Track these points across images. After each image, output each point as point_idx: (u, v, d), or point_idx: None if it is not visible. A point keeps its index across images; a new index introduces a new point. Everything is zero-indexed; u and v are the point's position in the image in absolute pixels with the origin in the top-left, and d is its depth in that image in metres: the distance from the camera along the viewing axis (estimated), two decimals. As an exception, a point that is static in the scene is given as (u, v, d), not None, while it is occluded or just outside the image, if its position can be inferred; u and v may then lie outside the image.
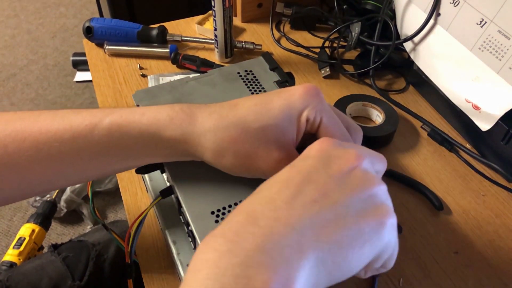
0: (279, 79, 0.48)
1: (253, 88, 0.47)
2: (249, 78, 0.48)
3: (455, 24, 0.55)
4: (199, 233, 0.34)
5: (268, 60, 0.50)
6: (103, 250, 0.70)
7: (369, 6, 0.70)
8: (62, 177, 0.37)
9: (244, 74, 0.48)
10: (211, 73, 0.48)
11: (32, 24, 2.19)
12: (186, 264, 0.39)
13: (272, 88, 0.47)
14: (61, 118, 0.36)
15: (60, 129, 0.35)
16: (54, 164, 0.36)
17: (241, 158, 0.35)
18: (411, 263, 0.45)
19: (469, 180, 0.54)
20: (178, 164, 0.39)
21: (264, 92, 0.46)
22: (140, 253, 0.46)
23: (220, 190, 0.37)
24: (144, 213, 0.40)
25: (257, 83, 0.47)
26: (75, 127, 0.35)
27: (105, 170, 0.38)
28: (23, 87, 1.85)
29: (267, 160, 0.35)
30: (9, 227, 1.37)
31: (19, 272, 0.67)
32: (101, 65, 0.70)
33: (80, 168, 0.37)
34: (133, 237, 0.40)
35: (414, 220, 0.49)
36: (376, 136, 0.55)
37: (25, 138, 0.35)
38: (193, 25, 0.77)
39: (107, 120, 0.35)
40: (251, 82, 0.48)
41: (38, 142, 0.35)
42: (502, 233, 0.48)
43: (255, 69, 0.49)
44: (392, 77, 0.68)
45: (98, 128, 0.35)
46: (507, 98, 0.49)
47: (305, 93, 0.35)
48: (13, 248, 1.09)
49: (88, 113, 0.36)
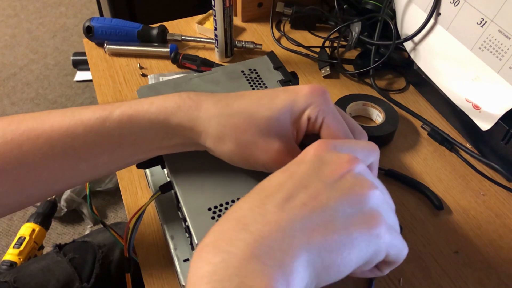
0: (282, 79, 0.48)
1: (256, 87, 0.47)
2: (253, 76, 0.48)
3: (455, 24, 0.55)
4: (195, 229, 0.34)
5: (273, 59, 0.50)
6: (109, 252, 0.70)
7: (369, 6, 0.70)
8: (77, 174, 0.38)
9: (247, 73, 0.48)
10: (215, 71, 0.49)
11: (32, 23, 2.19)
12: (183, 260, 0.39)
13: (275, 87, 0.47)
14: (71, 114, 0.36)
15: (71, 125, 0.35)
16: (69, 160, 0.36)
17: (241, 147, 0.35)
18: (411, 263, 0.45)
19: (469, 180, 0.54)
20: (178, 159, 0.39)
21: None
22: (140, 252, 0.46)
23: (218, 187, 0.37)
24: (143, 208, 0.41)
25: (260, 82, 0.48)
26: (86, 121, 0.35)
27: (117, 164, 0.38)
28: (23, 87, 1.85)
29: (267, 151, 0.35)
30: (9, 227, 1.37)
31: (25, 273, 0.67)
32: (101, 65, 0.70)
33: (93, 162, 0.37)
34: (131, 231, 0.40)
35: (414, 219, 0.49)
36: (376, 136, 0.55)
37: (39, 135, 0.35)
38: (193, 24, 0.77)
39: (117, 112, 0.36)
40: (255, 81, 0.48)
41: (52, 139, 0.35)
42: (502, 232, 0.48)
43: (259, 68, 0.49)
44: (392, 77, 0.68)
45: (109, 120, 0.35)
46: (507, 98, 0.49)
47: (310, 92, 0.36)
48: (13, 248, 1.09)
49: (98, 107, 0.36)
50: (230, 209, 0.29)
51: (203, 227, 0.35)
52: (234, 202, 0.36)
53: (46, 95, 1.81)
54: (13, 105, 1.78)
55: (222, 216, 0.30)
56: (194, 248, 0.35)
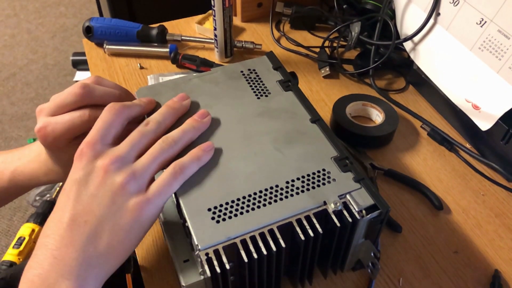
0: (282, 79, 0.48)
1: (256, 87, 0.47)
2: (252, 77, 0.48)
3: (455, 24, 0.55)
4: (195, 230, 0.34)
5: (272, 59, 0.50)
6: None
7: (369, 6, 0.70)
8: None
9: (247, 73, 0.49)
10: (214, 71, 0.49)
11: (32, 23, 2.19)
12: (183, 260, 0.39)
13: (275, 87, 0.47)
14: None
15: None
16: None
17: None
18: (411, 263, 0.45)
19: (469, 180, 0.54)
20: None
21: (268, 91, 0.46)
22: (140, 252, 0.46)
23: (218, 187, 0.37)
24: None
25: (260, 82, 0.48)
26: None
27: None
28: (23, 87, 1.85)
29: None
30: (9, 227, 1.37)
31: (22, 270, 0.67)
32: (101, 65, 0.70)
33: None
34: None
35: (414, 219, 0.49)
36: (376, 136, 0.55)
37: None
38: (193, 24, 0.77)
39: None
40: (254, 81, 0.48)
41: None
42: (502, 232, 0.48)
43: (258, 68, 0.49)
44: (392, 77, 0.68)
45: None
46: (507, 98, 0.49)
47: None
48: (13, 248, 1.09)
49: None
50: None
51: (203, 228, 0.35)
52: (234, 202, 0.36)
53: (45, 95, 1.81)
54: (13, 105, 1.78)
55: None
56: (194, 248, 0.35)
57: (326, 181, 0.38)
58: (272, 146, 0.41)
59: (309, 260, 0.39)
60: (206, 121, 0.41)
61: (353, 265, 0.43)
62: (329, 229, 0.37)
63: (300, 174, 0.38)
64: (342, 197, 0.37)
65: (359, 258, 0.42)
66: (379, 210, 0.37)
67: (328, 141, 0.41)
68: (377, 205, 0.37)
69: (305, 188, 0.37)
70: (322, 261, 0.42)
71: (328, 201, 0.37)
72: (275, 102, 0.45)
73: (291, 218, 0.36)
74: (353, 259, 0.42)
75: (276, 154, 0.40)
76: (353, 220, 0.36)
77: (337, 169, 0.39)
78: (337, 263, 0.42)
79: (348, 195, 0.37)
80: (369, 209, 0.37)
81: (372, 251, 0.39)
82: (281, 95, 0.46)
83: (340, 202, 0.37)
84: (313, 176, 0.38)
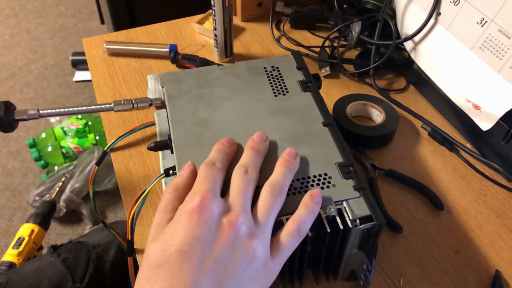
0: (303, 79, 0.48)
1: (275, 84, 0.48)
2: (274, 74, 0.49)
3: (455, 24, 0.55)
4: None
5: (297, 58, 0.51)
6: (103, 252, 0.70)
7: (369, 5, 0.70)
8: None
9: (270, 70, 0.49)
10: (238, 64, 0.50)
11: (31, 23, 2.19)
12: None
13: (294, 87, 0.47)
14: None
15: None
16: None
17: None
18: (411, 263, 0.45)
19: (469, 180, 0.54)
20: (185, 146, 0.41)
21: (286, 90, 0.47)
22: (140, 252, 0.46)
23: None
24: (147, 191, 0.41)
25: (280, 80, 0.48)
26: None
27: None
28: (22, 87, 1.85)
29: None
30: (8, 227, 1.37)
31: (19, 274, 0.67)
32: (100, 65, 0.70)
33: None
34: (134, 215, 0.42)
35: (414, 220, 0.49)
36: (376, 136, 0.55)
37: None
38: (193, 24, 0.76)
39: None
40: (275, 79, 0.48)
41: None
42: (502, 232, 0.48)
43: (282, 66, 0.50)
44: (392, 77, 0.68)
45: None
46: (508, 98, 0.49)
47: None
48: (12, 248, 1.09)
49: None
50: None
51: None
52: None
53: (45, 95, 1.81)
54: (12, 105, 1.77)
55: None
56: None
57: (326, 185, 0.38)
58: (278, 144, 0.41)
59: (298, 260, 0.38)
60: (297, 161, 0.39)
61: (347, 275, 0.43)
62: (322, 234, 0.36)
63: (300, 176, 0.38)
64: (338, 203, 0.37)
65: (353, 269, 0.42)
66: (373, 222, 0.36)
67: (336, 146, 0.41)
68: (372, 217, 0.36)
69: (302, 190, 0.37)
70: (315, 266, 0.42)
71: (322, 206, 0.36)
72: (291, 101, 0.46)
73: (282, 217, 0.36)
74: (347, 269, 0.42)
75: (280, 153, 0.40)
76: (345, 228, 0.36)
77: (339, 175, 0.39)
78: (330, 270, 0.42)
79: (345, 202, 0.37)
80: (364, 220, 0.36)
81: (365, 263, 0.39)
82: (299, 95, 0.46)
83: (335, 208, 0.36)
84: (314, 179, 0.38)
